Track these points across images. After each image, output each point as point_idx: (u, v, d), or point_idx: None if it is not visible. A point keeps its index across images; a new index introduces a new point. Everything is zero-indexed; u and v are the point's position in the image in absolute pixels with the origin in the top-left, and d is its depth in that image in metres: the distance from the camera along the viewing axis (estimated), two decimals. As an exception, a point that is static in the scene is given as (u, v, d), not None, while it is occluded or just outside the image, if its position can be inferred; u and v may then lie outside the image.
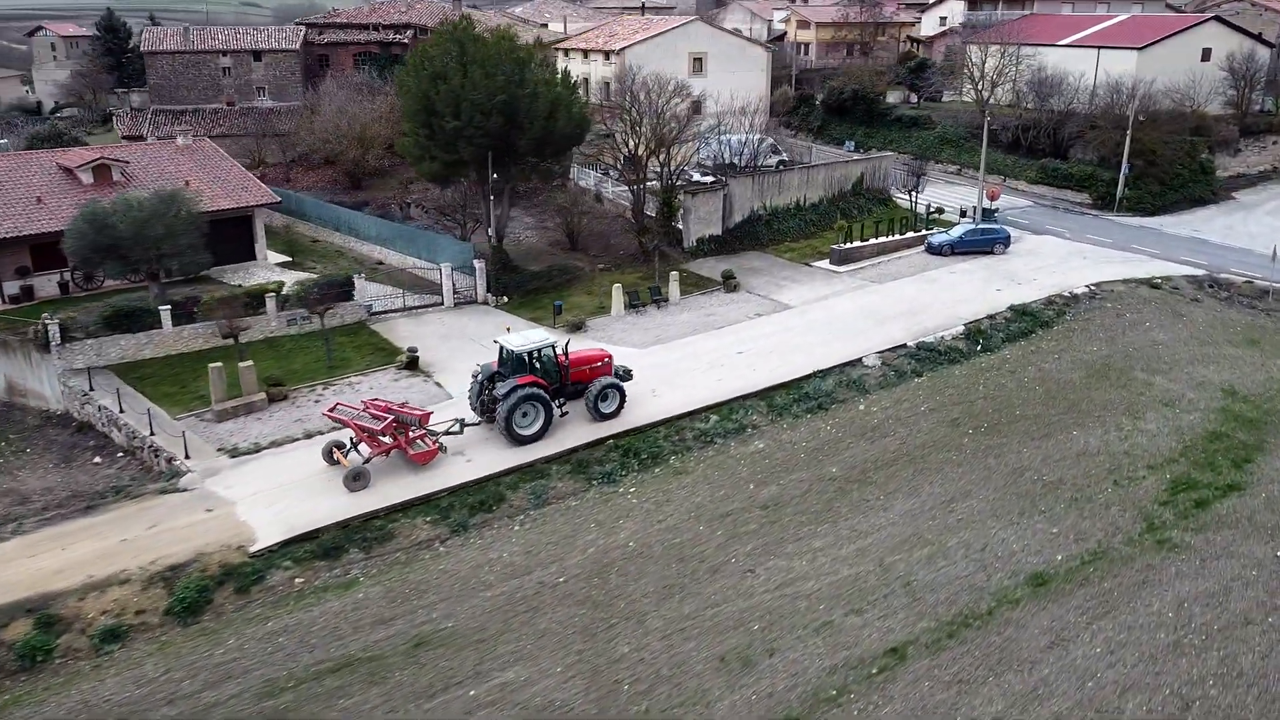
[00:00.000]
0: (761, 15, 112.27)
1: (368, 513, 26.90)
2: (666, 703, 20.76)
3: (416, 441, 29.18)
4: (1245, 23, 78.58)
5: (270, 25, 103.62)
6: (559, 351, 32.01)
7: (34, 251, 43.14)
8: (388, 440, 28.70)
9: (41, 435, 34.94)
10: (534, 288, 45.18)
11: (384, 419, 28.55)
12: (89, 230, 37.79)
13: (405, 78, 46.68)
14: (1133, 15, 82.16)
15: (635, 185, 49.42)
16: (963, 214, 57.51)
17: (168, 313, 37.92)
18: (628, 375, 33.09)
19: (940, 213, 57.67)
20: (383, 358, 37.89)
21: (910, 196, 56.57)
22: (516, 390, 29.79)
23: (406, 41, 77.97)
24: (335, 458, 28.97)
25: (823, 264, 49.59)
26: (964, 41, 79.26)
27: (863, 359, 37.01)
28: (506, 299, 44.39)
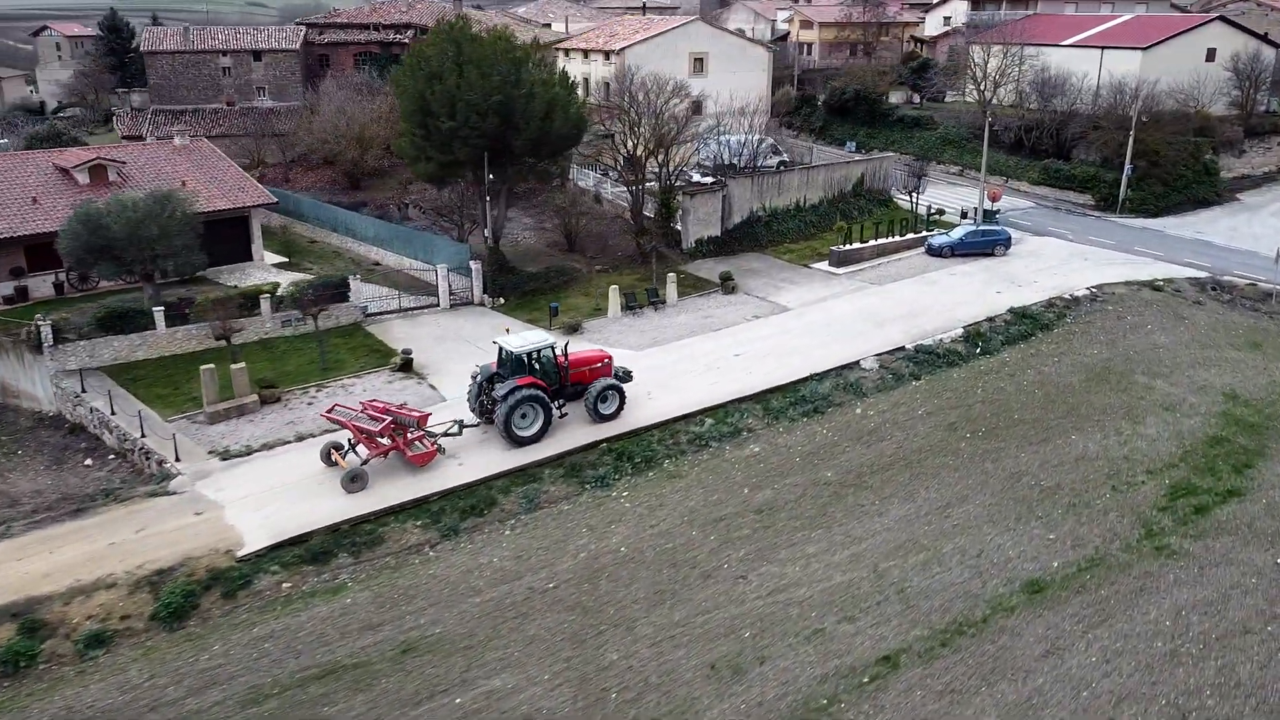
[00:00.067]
0: (765, 15, 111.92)
1: (357, 517, 26.69)
2: (655, 711, 20.51)
3: (415, 443, 28.98)
4: (1251, 23, 78.05)
5: (273, 25, 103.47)
6: (558, 352, 31.79)
7: (29, 252, 43.06)
8: (386, 442, 28.49)
9: (34, 437, 34.83)
10: (531, 289, 44.99)
11: (382, 420, 28.36)
12: (83, 231, 37.57)
13: (402, 78, 46.47)
14: (1137, 15, 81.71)
15: (634, 186, 49.20)
16: (964, 215, 57.13)
17: (161, 314, 37.79)
18: (628, 376, 32.80)
19: (941, 214, 57.30)
20: (377, 360, 37.70)
21: (911, 198, 56.22)
22: (515, 391, 29.55)
23: (407, 41, 77.71)
24: (333, 459, 28.80)
25: (822, 266, 49.29)
26: (967, 41, 78.91)
27: (860, 362, 36.71)
28: (503, 300, 44.20)
